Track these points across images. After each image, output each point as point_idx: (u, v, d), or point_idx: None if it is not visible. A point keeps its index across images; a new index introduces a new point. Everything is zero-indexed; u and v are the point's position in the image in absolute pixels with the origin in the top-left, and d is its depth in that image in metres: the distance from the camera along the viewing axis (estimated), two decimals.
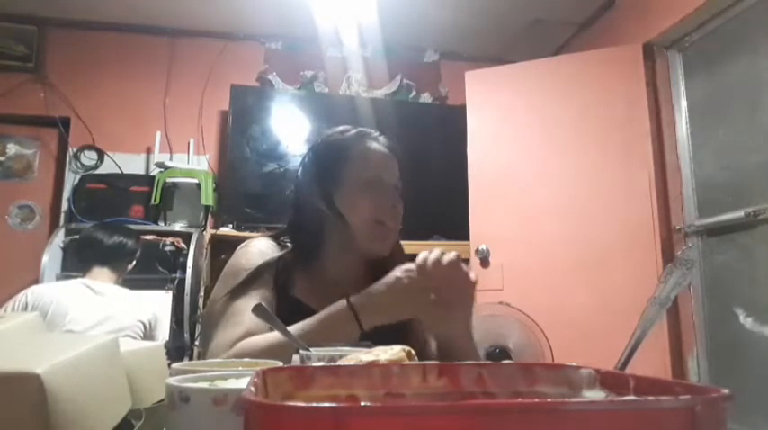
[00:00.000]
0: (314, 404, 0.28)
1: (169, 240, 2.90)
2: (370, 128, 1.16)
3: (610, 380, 0.42)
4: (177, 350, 2.57)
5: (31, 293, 2.12)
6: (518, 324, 2.47)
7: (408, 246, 1.22)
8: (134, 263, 2.44)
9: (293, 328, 0.87)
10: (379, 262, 1.12)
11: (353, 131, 1.14)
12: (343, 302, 0.93)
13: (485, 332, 2.49)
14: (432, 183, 3.09)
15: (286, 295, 1.04)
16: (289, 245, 1.12)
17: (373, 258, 1.11)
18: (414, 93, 3.72)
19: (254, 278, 1.01)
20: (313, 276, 1.09)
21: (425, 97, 3.74)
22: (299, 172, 1.15)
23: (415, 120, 3.41)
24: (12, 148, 3.29)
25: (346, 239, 1.08)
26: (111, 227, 2.48)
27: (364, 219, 1.06)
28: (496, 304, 2.64)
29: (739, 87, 2.39)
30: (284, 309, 0.99)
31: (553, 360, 2.33)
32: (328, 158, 1.11)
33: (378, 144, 1.13)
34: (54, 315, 2.05)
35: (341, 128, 1.16)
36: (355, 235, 1.07)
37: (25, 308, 2.06)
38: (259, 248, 1.08)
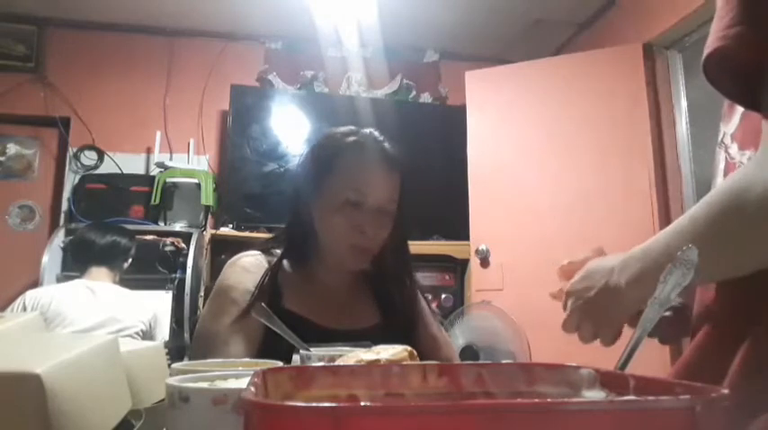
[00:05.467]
0: (314, 404, 0.28)
1: (169, 240, 2.90)
2: (370, 128, 1.08)
3: (610, 380, 0.42)
4: (177, 350, 2.56)
5: (29, 297, 2.12)
6: (496, 320, 2.48)
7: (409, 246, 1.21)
8: (130, 260, 2.44)
9: None
10: (378, 266, 1.10)
11: (351, 138, 1.04)
12: None
13: (468, 332, 2.50)
14: (432, 183, 3.08)
15: (277, 307, 1.00)
16: (278, 252, 1.08)
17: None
18: (414, 93, 3.72)
19: (242, 315, 0.97)
20: (304, 284, 1.07)
21: (425, 97, 3.74)
22: (296, 170, 1.12)
23: (415, 120, 3.40)
24: (12, 148, 3.29)
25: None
26: (104, 226, 2.48)
27: (334, 240, 1.02)
28: (479, 303, 2.66)
29: None
30: None
31: (530, 356, 2.34)
32: (316, 163, 1.05)
33: (375, 156, 1.03)
34: (53, 316, 2.05)
35: (343, 129, 1.08)
36: (326, 250, 1.05)
37: (24, 311, 2.05)
38: (244, 267, 1.04)
